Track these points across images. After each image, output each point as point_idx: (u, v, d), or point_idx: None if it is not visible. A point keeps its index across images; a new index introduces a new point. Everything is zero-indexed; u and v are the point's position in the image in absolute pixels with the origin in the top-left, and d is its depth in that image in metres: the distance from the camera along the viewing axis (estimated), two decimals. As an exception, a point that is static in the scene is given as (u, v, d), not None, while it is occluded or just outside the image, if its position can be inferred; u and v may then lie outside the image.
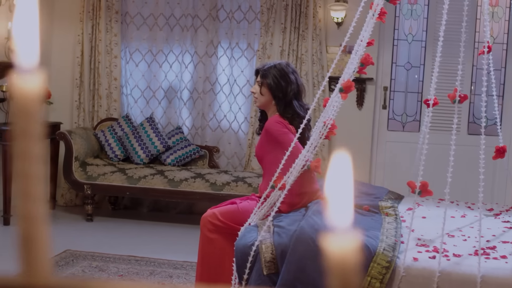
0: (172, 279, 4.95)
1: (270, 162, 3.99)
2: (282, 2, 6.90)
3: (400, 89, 7.16)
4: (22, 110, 0.51)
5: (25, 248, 0.51)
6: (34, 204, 0.51)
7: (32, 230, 0.51)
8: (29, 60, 0.53)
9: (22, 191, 0.51)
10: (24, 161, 0.50)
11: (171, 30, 7.26)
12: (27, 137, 0.50)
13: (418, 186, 3.45)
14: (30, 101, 0.51)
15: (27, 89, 0.52)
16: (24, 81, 0.52)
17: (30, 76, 0.52)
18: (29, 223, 0.51)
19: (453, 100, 3.77)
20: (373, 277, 3.24)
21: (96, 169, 6.63)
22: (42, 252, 0.51)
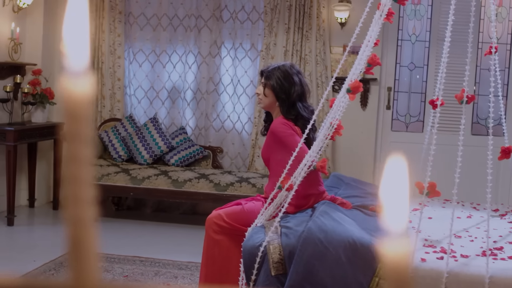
0: (177, 279, 4.94)
1: (276, 164, 3.99)
2: (285, 2, 6.90)
3: (403, 89, 7.16)
4: (72, 114, 0.50)
5: (74, 252, 0.50)
6: (84, 208, 0.50)
7: (81, 234, 0.50)
8: (79, 63, 0.53)
9: (72, 194, 0.50)
10: (74, 164, 0.50)
11: (174, 31, 7.26)
12: (77, 140, 0.50)
13: (425, 187, 3.44)
14: (80, 104, 0.51)
15: (77, 92, 0.51)
16: (74, 84, 0.52)
17: (80, 79, 0.52)
18: (78, 227, 0.50)
19: (461, 101, 3.76)
20: (381, 277, 3.23)
21: (100, 170, 6.63)
22: (91, 256, 0.50)
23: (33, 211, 7.04)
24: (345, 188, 4.73)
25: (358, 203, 4.22)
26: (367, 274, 3.25)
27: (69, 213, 0.50)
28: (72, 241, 0.50)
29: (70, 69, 0.52)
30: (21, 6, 6.67)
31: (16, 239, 5.99)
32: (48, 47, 7.23)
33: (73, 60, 0.52)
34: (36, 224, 6.71)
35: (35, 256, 5.36)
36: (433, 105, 4.58)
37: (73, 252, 0.50)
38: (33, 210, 7.07)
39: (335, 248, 3.27)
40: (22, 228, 6.35)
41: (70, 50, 0.53)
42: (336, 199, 4.09)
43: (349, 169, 6.70)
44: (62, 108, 0.53)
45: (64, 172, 0.51)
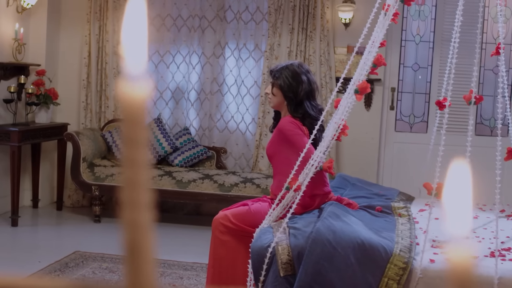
0: (183, 280, 4.94)
1: (281, 162, 4.00)
2: (289, 3, 6.90)
3: (407, 90, 7.16)
4: (129, 118, 0.50)
5: (131, 256, 0.50)
6: (141, 213, 0.50)
7: (138, 239, 0.50)
8: (137, 67, 0.52)
9: (129, 198, 0.50)
10: (131, 168, 0.50)
11: (178, 31, 7.26)
12: (134, 145, 0.50)
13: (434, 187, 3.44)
14: (137, 108, 0.51)
15: (134, 96, 0.51)
16: (132, 89, 0.51)
17: (138, 84, 0.52)
18: (135, 232, 0.50)
19: (469, 102, 3.76)
20: (390, 278, 3.23)
21: (104, 170, 6.63)
22: (148, 260, 0.50)
23: (37, 212, 7.04)
24: (351, 189, 4.74)
25: (364, 204, 4.22)
26: (376, 275, 3.24)
27: (126, 217, 0.50)
28: (129, 246, 0.50)
29: (128, 73, 0.52)
30: (25, 6, 6.66)
31: (20, 240, 5.99)
32: (51, 48, 7.23)
33: (131, 64, 0.52)
34: (40, 225, 6.70)
35: (40, 257, 5.36)
36: (440, 106, 4.58)
37: (130, 257, 0.50)
38: (36, 210, 7.06)
39: (343, 249, 3.26)
40: (26, 229, 6.35)
41: (128, 54, 0.52)
42: (343, 199, 4.09)
43: (353, 170, 6.70)
44: (121, 113, 0.53)
45: (122, 177, 0.51)
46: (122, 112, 0.52)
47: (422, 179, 6.70)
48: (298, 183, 3.63)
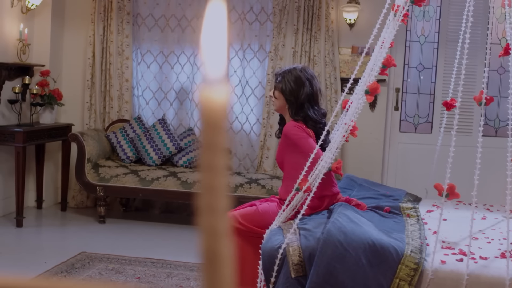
0: (190, 281, 4.93)
1: (290, 166, 3.99)
2: (294, 3, 6.89)
3: (412, 90, 7.16)
4: (209, 122, 0.49)
5: (208, 262, 0.49)
6: (219, 218, 0.49)
7: (216, 246, 0.49)
8: (217, 72, 0.52)
9: (207, 204, 0.49)
10: (210, 174, 0.49)
11: (182, 32, 7.25)
12: (213, 149, 0.49)
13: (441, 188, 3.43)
14: (217, 113, 0.50)
15: (214, 100, 0.50)
16: (211, 93, 0.51)
17: (217, 88, 0.51)
18: (213, 238, 0.49)
19: (479, 103, 3.76)
20: (401, 279, 3.23)
21: (109, 171, 6.62)
22: (226, 267, 0.49)
23: (41, 213, 7.03)
24: (358, 190, 4.73)
25: (372, 205, 4.22)
26: (388, 276, 3.24)
27: (204, 223, 0.49)
28: (207, 252, 0.49)
29: (207, 78, 0.51)
30: (29, 7, 6.65)
31: (25, 241, 5.98)
32: (56, 48, 7.23)
33: (211, 69, 0.51)
34: (44, 226, 6.69)
35: (45, 257, 5.35)
36: (448, 107, 4.58)
37: (208, 263, 0.49)
38: (41, 211, 7.05)
39: (355, 250, 3.26)
40: (31, 230, 6.34)
41: (207, 59, 0.52)
42: (351, 200, 4.08)
43: (357, 170, 6.69)
44: (201, 118, 0.52)
45: (200, 181, 0.50)
46: (202, 117, 0.51)
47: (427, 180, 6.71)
48: (308, 184, 3.63)
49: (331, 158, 3.75)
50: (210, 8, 0.53)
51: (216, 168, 0.49)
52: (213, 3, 0.53)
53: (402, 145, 7.15)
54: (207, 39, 0.53)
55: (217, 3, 0.53)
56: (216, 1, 0.52)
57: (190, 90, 7.28)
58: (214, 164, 0.49)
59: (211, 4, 0.53)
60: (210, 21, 0.53)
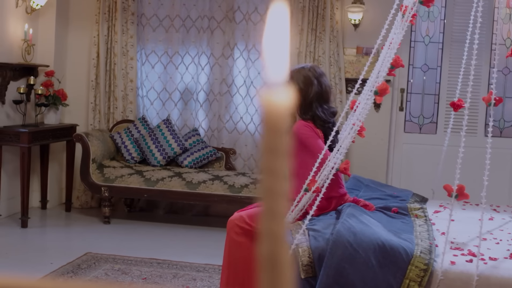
0: (196, 282, 4.93)
1: (298, 166, 3.99)
2: (299, 3, 6.89)
3: (417, 91, 7.15)
4: (270, 126, 0.49)
5: (268, 267, 0.49)
6: (279, 223, 0.49)
7: (276, 250, 0.49)
8: (279, 75, 0.51)
9: (268, 208, 0.49)
10: (271, 178, 0.48)
11: (187, 32, 7.24)
12: (274, 153, 0.48)
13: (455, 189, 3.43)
14: (278, 116, 0.49)
15: (276, 104, 0.50)
16: (273, 96, 0.50)
17: (279, 91, 0.50)
18: (273, 243, 0.49)
19: (488, 103, 3.75)
20: (411, 279, 3.22)
21: (113, 171, 6.61)
22: (286, 272, 0.49)
23: (45, 213, 7.02)
24: (365, 190, 4.73)
25: (380, 205, 4.22)
26: (398, 276, 3.24)
27: (265, 227, 0.49)
28: (267, 256, 0.49)
29: (269, 81, 0.51)
30: (34, 7, 6.65)
31: (30, 241, 5.98)
32: (60, 49, 7.22)
33: (272, 72, 0.51)
34: (49, 226, 6.69)
35: (51, 258, 5.35)
36: (455, 107, 4.58)
37: (268, 267, 0.49)
38: (45, 212, 7.05)
39: (364, 251, 3.26)
40: (36, 230, 6.34)
41: (269, 62, 0.51)
42: (359, 201, 4.08)
43: (362, 171, 6.68)
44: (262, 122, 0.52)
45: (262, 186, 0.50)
46: (263, 121, 0.51)
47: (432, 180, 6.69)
48: (316, 185, 3.62)
49: (339, 158, 3.75)
50: (271, 11, 0.52)
51: (277, 172, 0.49)
52: (275, 7, 0.52)
53: (407, 145, 7.15)
54: (268, 43, 0.52)
55: (278, 6, 0.52)
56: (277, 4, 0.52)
57: (195, 91, 7.28)
58: (275, 168, 0.49)
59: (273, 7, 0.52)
60: (272, 25, 0.52)
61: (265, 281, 0.50)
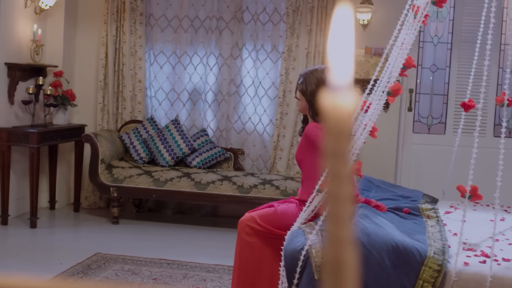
0: (206, 282, 4.92)
1: (309, 167, 3.98)
2: (308, 4, 6.88)
3: (425, 91, 7.14)
4: (334, 130, 0.49)
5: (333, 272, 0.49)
6: (344, 227, 0.48)
7: (341, 254, 0.48)
8: (343, 79, 0.51)
9: (333, 213, 0.48)
10: (335, 182, 0.48)
11: (195, 32, 7.24)
12: (339, 157, 0.48)
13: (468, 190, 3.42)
14: (342, 120, 0.49)
15: (340, 108, 0.49)
16: (337, 100, 0.50)
17: (343, 95, 0.50)
18: (338, 247, 0.48)
19: (501, 104, 3.74)
20: (425, 280, 3.22)
21: (122, 172, 6.62)
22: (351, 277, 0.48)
23: (54, 213, 7.03)
24: (376, 191, 4.72)
25: (391, 206, 4.21)
26: (411, 277, 3.23)
27: (330, 231, 0.48)
28: (332, 260, 0.49)
29: (334, 85, 0.50)
30: (43, 7, 6.65)
31: (40, 242, 5.98)
32: (68, 49, 7.23)
33: (337, 75, 0.50)
34: (58, 227, 6.70)
35: (61, 258, 5.36)
36: (465, 108, 4.57)
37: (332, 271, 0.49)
38: (54, 212, 7.06)
39: (378, 252, 3.25)
40: (45, 231, 6.34)
41: (334, 66, 0.51)
42: (371, 201, 4.08)
43: (370, 171, 6.66)
44: (326, 125, 0.51)
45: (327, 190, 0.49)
46: (327, 124, 0.50)
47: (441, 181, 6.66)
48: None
49: (351, 159, 3.74)
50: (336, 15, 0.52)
51: (342, 176, 0.49)
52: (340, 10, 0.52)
53: (416, 146, 7.14)
54: (333, 46, 0.52)
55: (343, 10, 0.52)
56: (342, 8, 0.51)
57: (203, 91, 7.28)
58: (340, 172, 0.48)
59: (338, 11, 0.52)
60: (337, 28, 0.52)
61: (329, 286, 0.49)
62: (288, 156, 6.97)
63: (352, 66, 0.52)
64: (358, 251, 3.20)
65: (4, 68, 6.32)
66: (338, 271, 0.49)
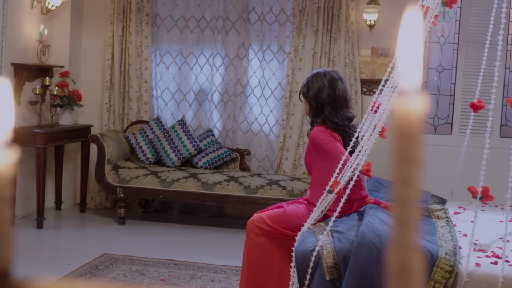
0: (214, 283, 4.92)
1: (318, 171, 3.98)
2: (314, 4, 6.88)
3: (432, 91, 7.13)
4: (404, 134, 0.48)
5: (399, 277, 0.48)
6: (411, 232, 0.48)
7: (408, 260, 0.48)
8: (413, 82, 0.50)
9: (401, 217, 0.48)
10: (404, 186, 0.47)
11: (201, 33, 7.24)
12: (408, 162, 0.47)
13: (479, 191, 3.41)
14: (412, 124, 0.48)
15: (410, 112, 0.49)
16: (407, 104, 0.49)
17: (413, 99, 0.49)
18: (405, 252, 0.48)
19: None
20: (436, 281, 3.21)
21: (129, 172, 6.61)
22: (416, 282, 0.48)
23: (60, 214, 7.03)
24: (385, 192, 4.71)
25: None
26: (423, 279, 3.22)
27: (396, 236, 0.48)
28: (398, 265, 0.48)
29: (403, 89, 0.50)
30: (49, 8, 6.65)
31: (47, 242, 5.98)
32: (75, 49, 7.23)
33: (407, 79, 0.50)
34: (65, 227, 6.70)
35: (68, 259, 5.35)
36: (474, 108, 4.56)
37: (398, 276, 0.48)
38: (60, 212, 7.05)
39: (389, 253, 3.24)
40: (51, 231, 6.34)
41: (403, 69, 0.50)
42: (380, 202, 4.07)
43: (376, 173, 6.65)
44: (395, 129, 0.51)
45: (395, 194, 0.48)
46: (396, 128, 0.50)
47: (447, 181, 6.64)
48: (340, 186, 3.61)
49: (363, 160, 3.74)
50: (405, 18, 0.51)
51: (410, 181, 0.48)
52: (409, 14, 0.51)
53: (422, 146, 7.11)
54: (403, 50, 0.51)
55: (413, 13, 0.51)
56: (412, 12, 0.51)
57: (209, 91, 7.27)
58: (409, 177, 0.48)
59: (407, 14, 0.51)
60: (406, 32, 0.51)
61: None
62: (294, 156, 6.96)
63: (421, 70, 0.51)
64: (370, 252, 3.20)
65: (11, 69, 6.32)
66: (405, 276, 0.49)
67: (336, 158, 3.78)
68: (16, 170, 0.57)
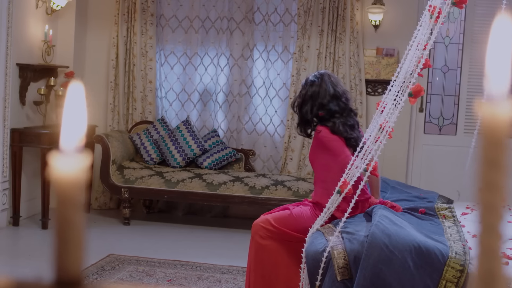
0: (221, 284, 4.91)
1: (320, 168, 4.00)
2: (319, 4, 6.87)
3: (436, 92, 7.13)
4: (491, 138, 0.47)
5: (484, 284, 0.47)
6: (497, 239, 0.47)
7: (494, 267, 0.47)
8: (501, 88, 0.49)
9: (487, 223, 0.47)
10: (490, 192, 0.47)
11: (206, 33, 7.23)
12: (494, 167, 0.47)
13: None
14: (499, 129, 0.48)
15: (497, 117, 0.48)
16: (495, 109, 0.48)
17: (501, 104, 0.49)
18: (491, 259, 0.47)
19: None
20: (448, 280, 3.21)
21: (133, 173, 6.61)
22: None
23: (64, 214, 7.00)
24: (391, 192, 4.71)
25: (407, 206, 4.20)
26: (434, 278, 3.22)
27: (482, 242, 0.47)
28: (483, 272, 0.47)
29: (491, 94, 0.49)
30: (54, 8, 6.65)
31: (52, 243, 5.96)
32: (79, 49, 7.23)
33: (495, 84, 0.49)
34: (69, 227, 6.67)
35: (74, 259, 5.33)
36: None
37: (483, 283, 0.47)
38: (64, 213, 7.03)
39: (400, 252, 3.24)
40: (56, 231, 6.32)
41: (491, 74, 0.50)
42: (386, 202, 4.07)
43: (381, 172, 6.65)
44: (481, 133, 0.50)
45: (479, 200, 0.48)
46: (483, 133, 0.49)
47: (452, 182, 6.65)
48: (349, 187, 3.60)
49: (374, 160, 3.74)
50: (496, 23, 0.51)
51: (497, 186, 0.47)
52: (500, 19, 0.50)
53: (427, 146, 7.12)
54: (492, 55, 0.50)
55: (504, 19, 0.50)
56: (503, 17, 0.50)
57: (214, 92, 7.27)
58: (495, 182, 0.47)
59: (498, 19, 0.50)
60: (497, 36, 0.51)
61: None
62: (299, 157, 6.95)
63: (509, 76, 0.51)
64: (381, 252, 3.20)
65: (16, 69, 6.31)
66: (491, 284, 0.48)
67: (338, 155, 3.80)
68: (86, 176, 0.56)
